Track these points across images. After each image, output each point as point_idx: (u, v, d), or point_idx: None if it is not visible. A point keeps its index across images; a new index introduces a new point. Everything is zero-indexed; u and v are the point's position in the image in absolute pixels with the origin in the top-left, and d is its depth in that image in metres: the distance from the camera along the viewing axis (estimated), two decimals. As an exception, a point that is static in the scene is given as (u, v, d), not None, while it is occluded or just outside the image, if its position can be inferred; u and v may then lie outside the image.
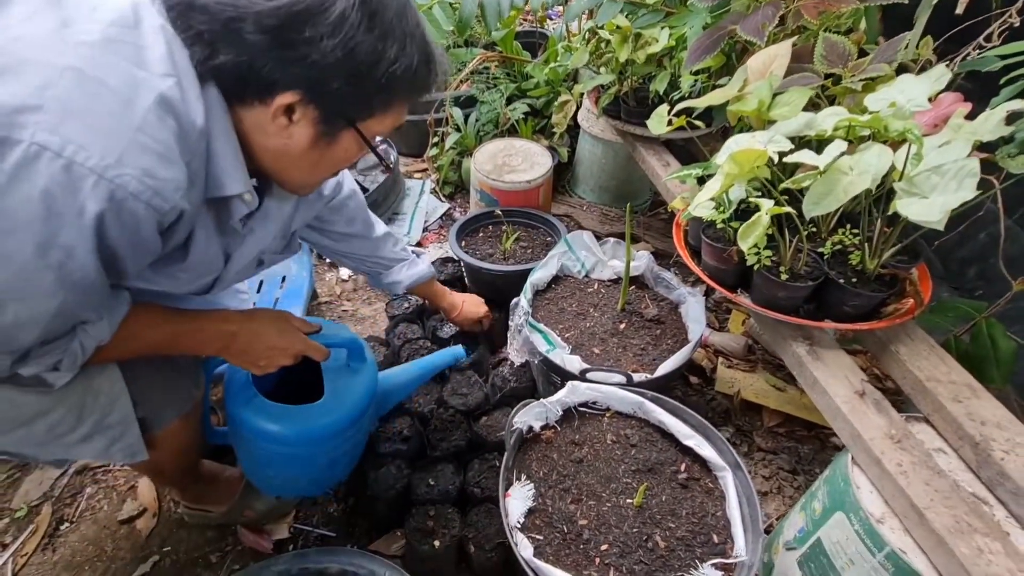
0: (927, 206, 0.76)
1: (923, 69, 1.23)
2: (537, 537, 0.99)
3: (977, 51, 1.22)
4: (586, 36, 1.75)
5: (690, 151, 1.79)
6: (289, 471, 1.10)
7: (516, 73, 2.45)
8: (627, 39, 1.52)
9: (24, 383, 0.72)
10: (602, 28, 1.63)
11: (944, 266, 1.76)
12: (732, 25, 1.27)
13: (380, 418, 1.32)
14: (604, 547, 0.97)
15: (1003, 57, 1.07)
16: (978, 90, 1.39)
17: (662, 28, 1.47)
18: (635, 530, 0.99)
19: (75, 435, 0.83)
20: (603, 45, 1.67)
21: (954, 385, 0.93)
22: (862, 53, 1.26)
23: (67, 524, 1.34)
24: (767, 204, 0.88)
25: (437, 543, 1.14)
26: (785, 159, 0.94)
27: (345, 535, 1.30)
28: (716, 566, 0.93)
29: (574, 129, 2.28)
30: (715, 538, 0.99)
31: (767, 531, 1.26)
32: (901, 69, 1.20)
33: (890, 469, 0.82)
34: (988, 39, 1.20)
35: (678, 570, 0.94)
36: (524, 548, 0.94)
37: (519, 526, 0.99)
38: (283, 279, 1.69)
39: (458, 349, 1.28)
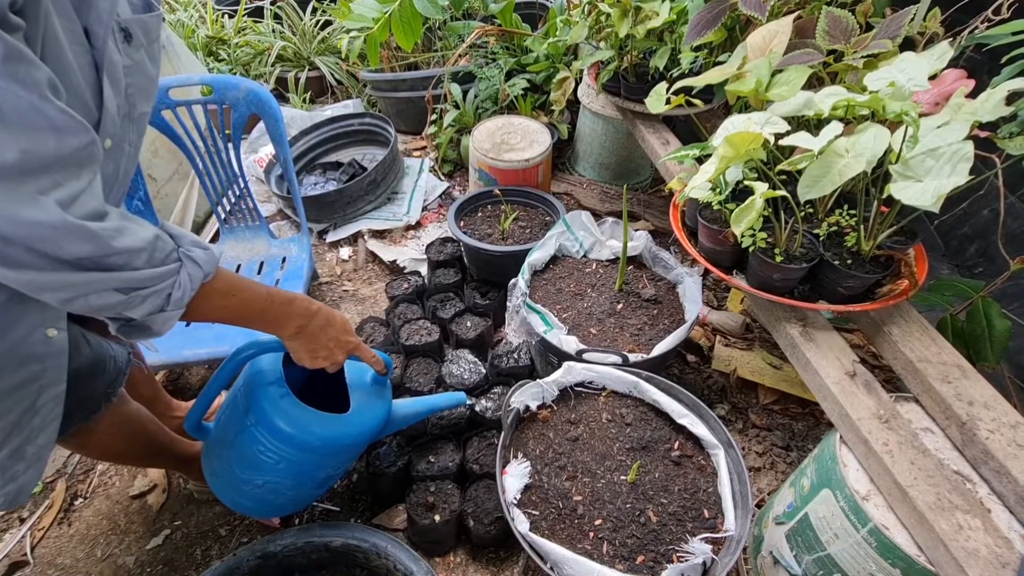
0: (920, 190, 0.76)
1: (930, 42, 1.20)
2: (533, 512, 1.02)
3: (985, 24, 1.19)
4: (585, 9, 1.71)
5: (691, 128, 1.77)
6: (285, 481, 1.03)
7: (515, 47, 2.40)
8: (627, 13, 1.49)
9: (132, 335, 0.69)
10: (602, 1, 1.59)
11: (945, 243, 1.75)
12: (733, -1, 1.24)
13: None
14: (598, 522, 1.00)
15: (1014, 33, 1.04)
16: (987, 62, 1.36)
17: (662, 1, 1.43)
18: (628, 506, 1.02)
19: None
20: (603, 19, 1.63)
21: (944, 366, 0.94)
22: (868, 27, 1.23)
23: (81, 499, 1.39)
24: (761, 188, 0.88)
25: (437, 517, 1.18)
26: (781, 141, 0.93)
27: (349, 510, 1.35)
28: (706, 540, 0.96)
29: (575, 104, 2.25)
30: (706, 513, 1.02)
31: (759, 506, 1.30)
32: (907, 42, 1.17)
33: (876, 448, 0.84)
34: (997, 12, 1.17)
35: (669, 544, 0.97)
36: (521, 523, 0.97)
37: (516, 502, 1.02)
38: (283, 260, 1.70)
39: (461, 395, 1.26)
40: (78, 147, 0.56)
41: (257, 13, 3.21)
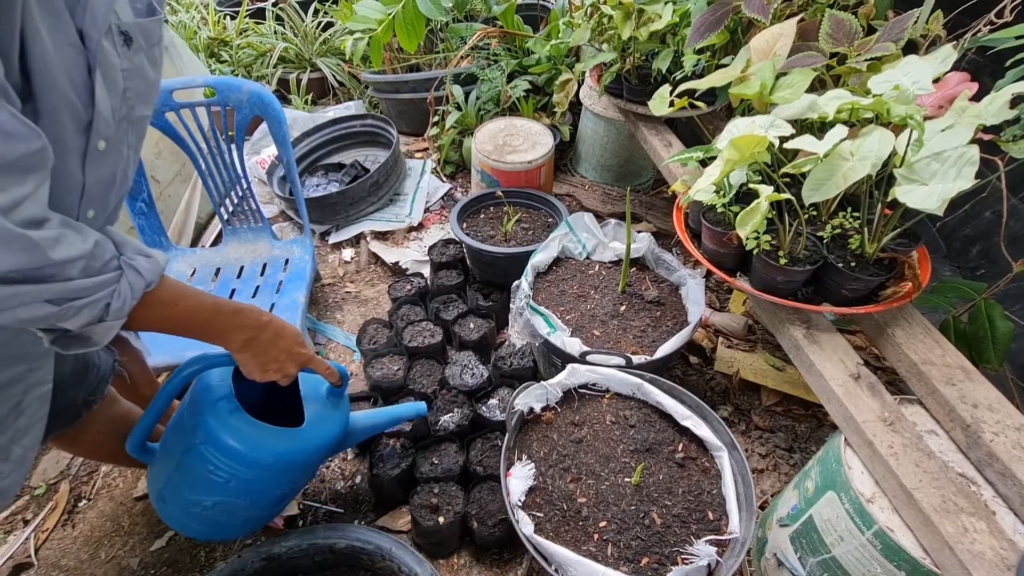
0: (926, 193, 0.76)
1: (933, 45, 1.21)
2: (538, 514, 1.02)
3: (988, 27, 1.20)
4: (588, 12, 1.71)
5: (693, 129, 1.77)
6: (237, 501, 0.98)
7: (517, 48, 2.41)
8: (630, 15, 1.49)
9: (69, 347, 0.66)
10: (604, 3, 1.59)
11: (947, 245, 1.76)
12: (737, 1, 1.24)
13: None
14: (602, 524, 1.00)
15: (1018, 36, 1.05)
16: (989, 65, 1.37)
17: (665, 4, 1.43)
18: (632, 508, 1.02)
19: None
20: (605, 21, 1.64)
21: (948, 368, 0.95)
22: (871, 30, 1.23)
23: (85, 501, 1.40)
24: (766, 191, 0.88)
25: (441, 519, 1.18)
26: (786, 144, 0.93)
27: (353, 512, 1.35)
28: (710, 542, 0.96)
29: (576, 106, 2.25)
30: (710, 515, 1.02)
31: (762, 507, 1.30)
32: (910, 45, 1.18)
33: (881, 451, 0.84)
34: (1000, 15, 1.17)
35: (673, 546, 0.97)
36: (525, 525, 0.97)
37: (520, 504, 1.03)
38: (286, 262, 1.71)
39: (421, 405, 1.24)
40: (26, 152, 0.54)
41: (259, 15, 3.22)
